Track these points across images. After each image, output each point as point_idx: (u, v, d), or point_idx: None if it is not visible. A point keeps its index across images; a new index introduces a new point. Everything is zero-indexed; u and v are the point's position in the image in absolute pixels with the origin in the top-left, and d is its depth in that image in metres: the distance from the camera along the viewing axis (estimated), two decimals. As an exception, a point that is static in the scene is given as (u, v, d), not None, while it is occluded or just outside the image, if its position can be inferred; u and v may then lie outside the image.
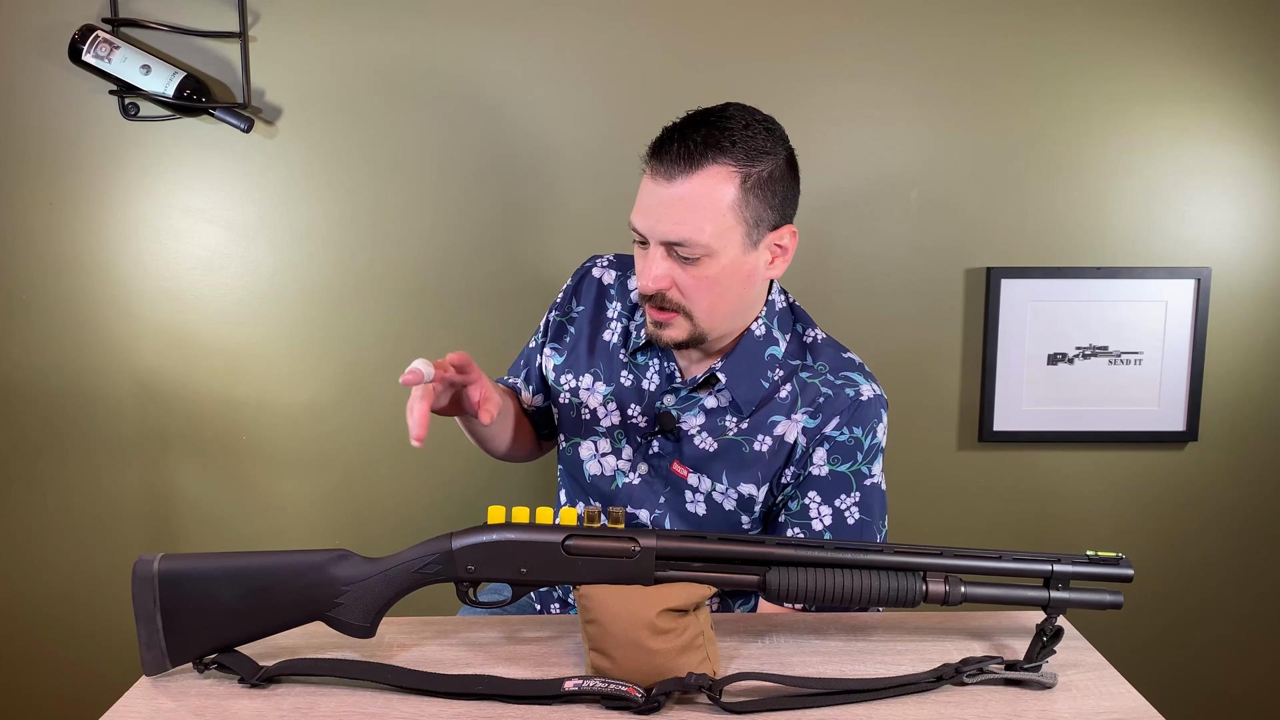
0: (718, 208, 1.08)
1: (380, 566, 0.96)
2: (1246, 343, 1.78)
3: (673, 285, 1.12)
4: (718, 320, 1.15)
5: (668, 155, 1.09)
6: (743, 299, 1.16)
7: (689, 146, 1.08)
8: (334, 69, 1.66)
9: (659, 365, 1.24)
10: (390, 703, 0.91)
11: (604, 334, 1.29)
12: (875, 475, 1.19)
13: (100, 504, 1.77)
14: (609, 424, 1.26)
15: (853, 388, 1.18)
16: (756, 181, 1.10)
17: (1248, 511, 1.84)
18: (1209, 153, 1.73)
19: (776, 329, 1.21)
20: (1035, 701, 0.92)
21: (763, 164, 1.10)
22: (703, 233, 1.08)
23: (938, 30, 1.69)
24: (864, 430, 1.17)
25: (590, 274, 1.33)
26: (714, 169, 1.08)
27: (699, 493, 1.21)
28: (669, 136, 1.11)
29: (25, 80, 1.65)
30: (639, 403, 1.24)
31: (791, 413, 1.18)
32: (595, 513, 0.96)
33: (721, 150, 1.08)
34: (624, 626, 0.91)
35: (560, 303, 1.33)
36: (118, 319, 1.72)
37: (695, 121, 1.11)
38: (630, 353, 1.25)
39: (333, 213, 1.71)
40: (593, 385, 1.27)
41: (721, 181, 1.08)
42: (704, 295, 1.12)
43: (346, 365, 1.75)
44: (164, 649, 0.94)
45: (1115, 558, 0.96)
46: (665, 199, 1.09)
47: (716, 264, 1.10)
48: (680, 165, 1.08)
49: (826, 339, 1.24)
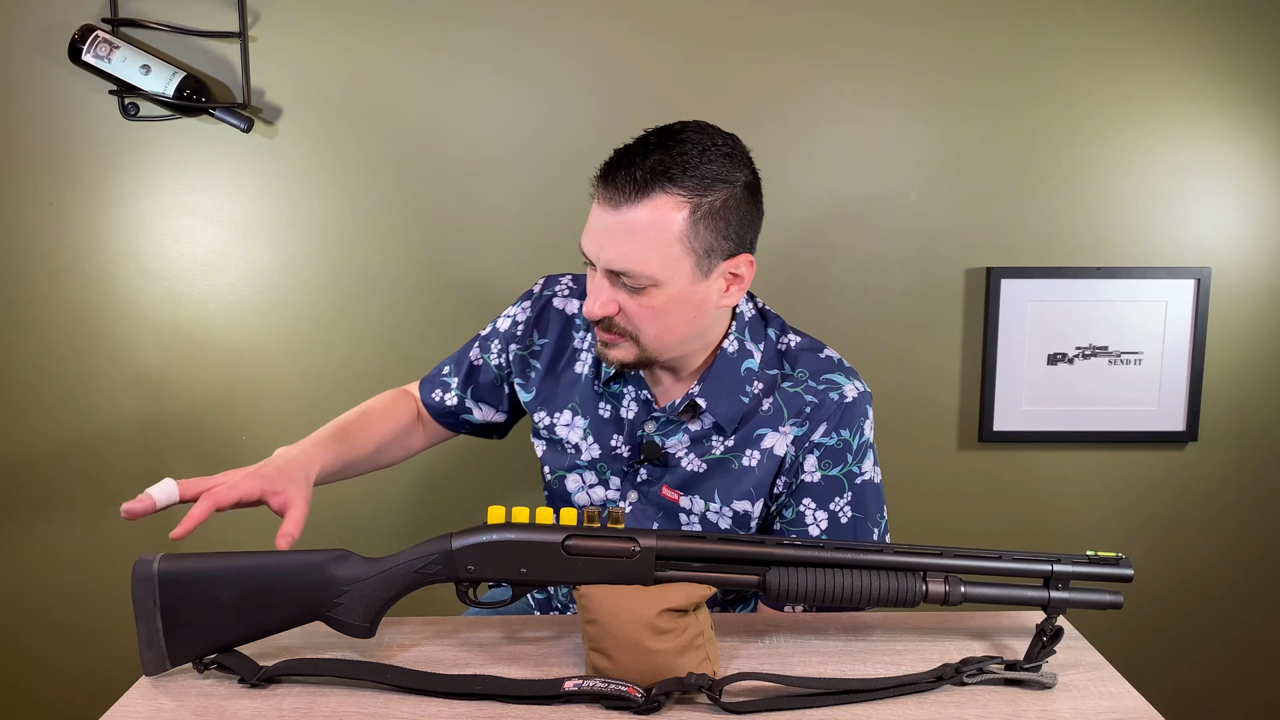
0: (664, 238, 1.04)
1: (380, 566, 0.96)
2: (1246, 343, 1.78)
3: (619, 311, 1.08)
4: (667, 346, 1.11)
5: (615, 181, 1.05)
6: (694, 326, 1.11)
7: (635, 174, 1.03)
8: (334, 69, 1.67)
9: (635, 393, 1.20)
10: (390, 703, 0.91)
11: (575, 366, 1.24)
12: (867, 472, 1.18)
13: (100, 504, 1.77)
14: (592, 456, 1.22)
15: (836, 390, 1.15)
16: (708, 211, 1.05)
17: (1248, 511, 1.84)
18: (1209, 153, 1.73)
19: (749, 341, 1.18)
20: (1035, 701, 0.92)
21: (716, 193, 1.05)
22: (648, 264, 1.04)
23: (938, 30, 1.68)
24: (851, 431, 1.15)
25: (551, 305, 1.27)
26: (662, 198, 1.03)
27: (693, 514, 1.19)
28: (618, 160, 1.06)
29: (25, 80, 1.65)
30: (620, 432, 1.21)
31: (779, 425, 1.15)
32: (595, 513, 0.96)
33: (671, 179, 1.03)
34: (624, 626, 0.91)
35: (520, 335, 1.27)
36: (118, 319, 1.72)
37: (647, 145, 1.06)
38: (604, 382, 1.21)
39: (333, 213, 1.71)
40: (572, 420, 1.23)
41: (669, 211, 1.03)
42: (651, 324, 1.08)
43: (346, 365, 1.75)
44: (164, 649, 0.94)
45: (1115, 558, 0.96)
46: (611, 226, 1.05)
47: (663, 294, 1.06)
48: (626, 192, 1.04)
49: (801, 341, 1.20)
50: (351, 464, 1.22)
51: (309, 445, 1.14)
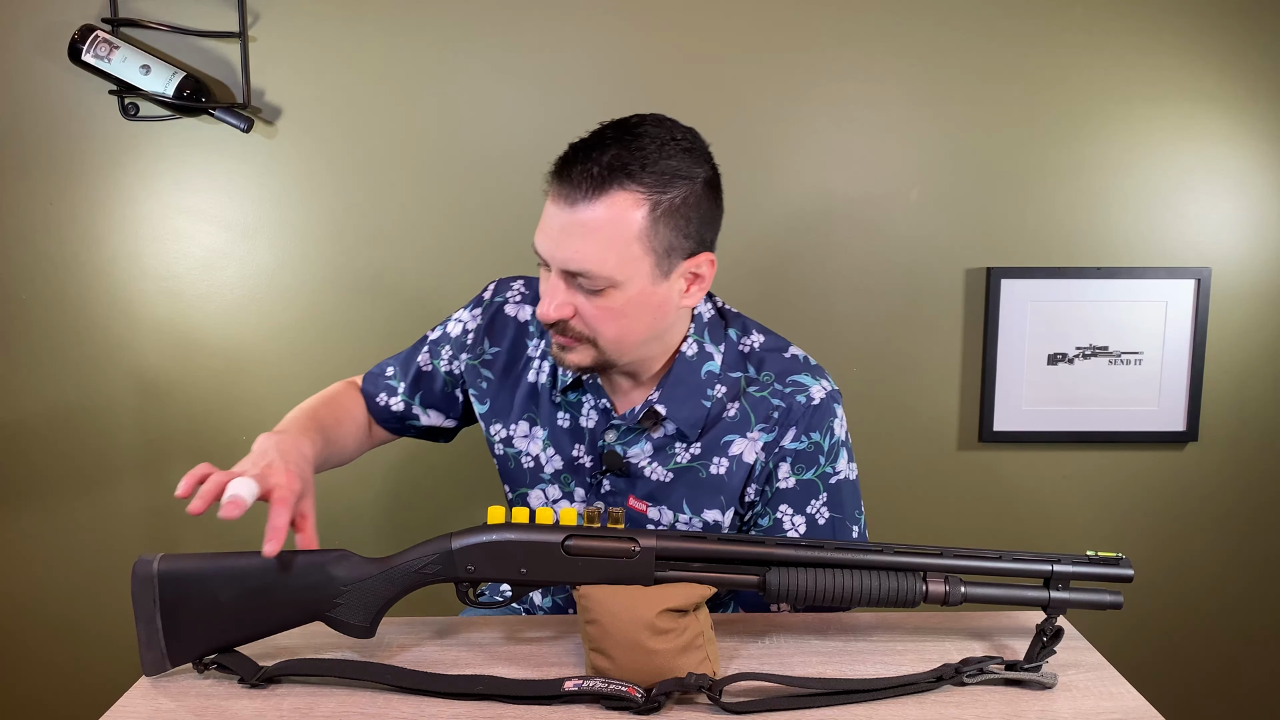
0: (623, 237, 0.99)
1: (380, 566, 0.96)
2: (1246, 343, 1.78)
3: (575, 314, 1.04)
4: (626, 349, 1.07)
5: (570, 177, 1.00)
6: (653, 328, 1.07)
7: (592, 170, 0.99)
8: (334, 69, 1.66)
9: (594, 401, 1.15)
10: (390, 703, 0.91)
11: (529, 375, 1.19)
12: (841, 471, 1.15)
13: (100, 504, 1.77)
14: (554, 469, 1.18)
15: (803, 393, 1.12)
16: (668, 209, 1.00)
17: (1248, 511, 1.84)
18: (1209, 153, 1.73)
19: (709, 343, 1.13)
20: (1035, 701, 0.92)
21: (676, 189, 1.01)
22: (605, 264, 1.00)
23: (938, 30, 1.68)
24: (822, 432, 1.12)
25: (503, 311, 1.21)
26: (620, 195, 0.99)
27: (662, 525, 1.15)
28: (573, 155, 1.01)
29: (25, 80, 1.65)
30: (581, 442, 1.16)
31: (746, 431, 1.12)
32: (595, 513, 0.96)
33: (629, 175, 0.99)
34: (624, 626, 0.91)
35: (471, 344, 1.22)
36: (118, 319, 1.72)
37: (604, 139, 1.01)
38: (561, 390, 1.16)
39: (333, 213, 1.71)
40: (530, 431, 1.18)
41: (628, 209, 0.99)
42: (609, 326, 1.04)
43: (346, 365, 1.75)
44: (164, 649, 0.94)
45: (1115, 558, 0.96)
46: (566, 224, 1.00)
47: (622, 295, 1.02)
48: (583, 189, 0.99)
49: (765, 341, 1.16)
50: (326, 460, 1.17)
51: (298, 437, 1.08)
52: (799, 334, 1.75)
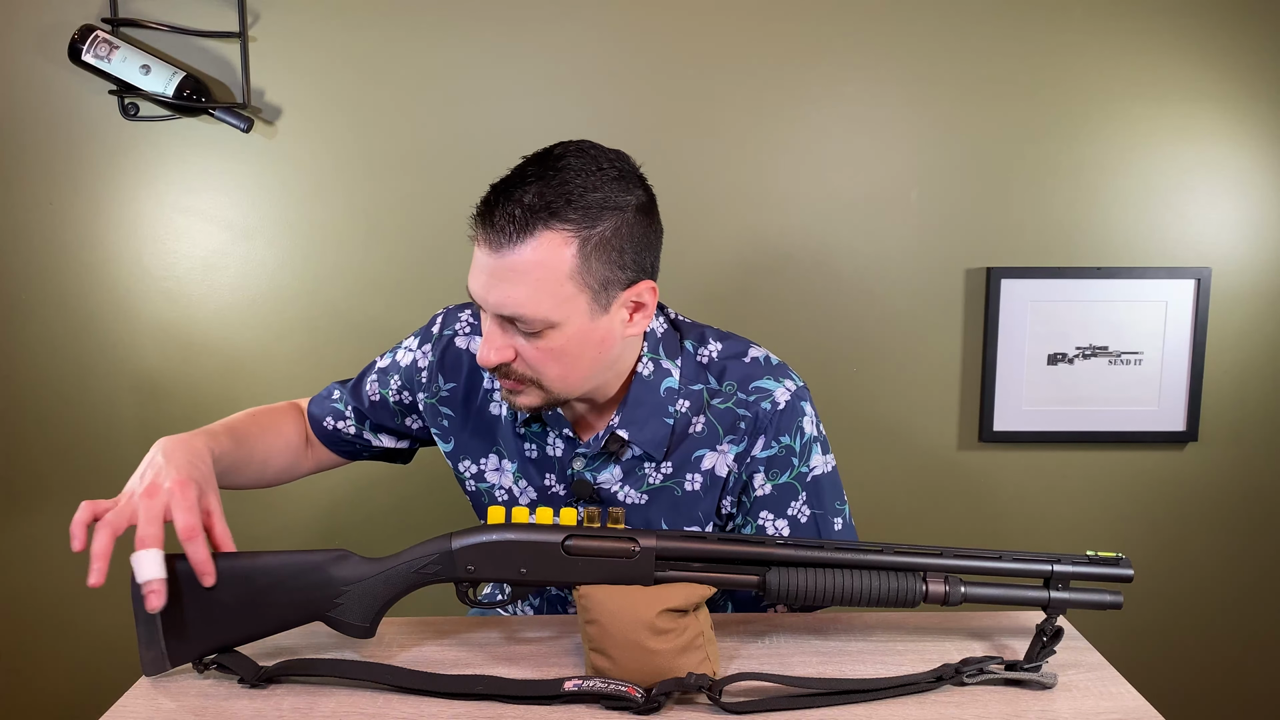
0: (554, 278, 0.95)
1: (380, 567, 0.96)
2: (1246, 343, 1.78)
3: (516, 357, 1.00)
4: (574, 385, 1.03)
5: (493, 221, 0.95)
6: (598, 363, 1.03)
7: (514, 211, 0.95)
8: (334, 69, 1.67)
9: (558, 429, 1.12)
10: (390, 703, 0.91)
11: (490, 408, 1.16)
12: (817, 467, 1.13)
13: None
14: (528, 500, 1.16)
15: (767, 398, 1.10)
16: (599, 242, 0.96)
17: (1248, 511, 1.84)
18: (1209, 153, 1.73)
19: (665, 359, 1.10)
20: (1035, 701, 0.92)
21: (606, 221, 0.97)
22: (539, 306, 0.96)
23: (937, 30, 1.69)
24: (791, 434, 1.11)
25: (454, 345, 1.17)
26: (546, 235, 0.95)
27: None
28: (494, 198, 0.97)
29: (25, 80, 1.65)
30: (552, 471, 1.14)
31: (715, 444, 1.10)
32: (595, 513, 0.96)
33: (554, 213, 0.95)
34: (624, 627, 0.91)
35: (425, 382, 1.18)
36: (118, 319, 1.72)
37: (525, 177, 0.97)
38: (522, 424, 1.14)
39: (333, 213, 1.71)
40: (500, 464, 1.16)
41: (557, 248, 0.95)
42: (551, 367, 1.00)
43: (346, 365, 1.75)
44: (163, 649, 0.94)
45: (1115, 558, 0.96)
46: (495, 270, 0.96)
47: (561, 335, 0.98)
48: (507, 233, 0.95)
49: (724, 349, 1.13)
50: (237, 465, 1.12)
51: (191, 436, 1.04)
52: (799, 334, 1.76)
